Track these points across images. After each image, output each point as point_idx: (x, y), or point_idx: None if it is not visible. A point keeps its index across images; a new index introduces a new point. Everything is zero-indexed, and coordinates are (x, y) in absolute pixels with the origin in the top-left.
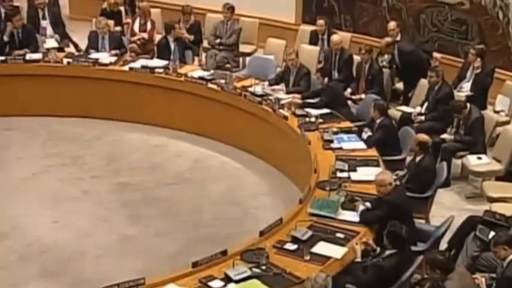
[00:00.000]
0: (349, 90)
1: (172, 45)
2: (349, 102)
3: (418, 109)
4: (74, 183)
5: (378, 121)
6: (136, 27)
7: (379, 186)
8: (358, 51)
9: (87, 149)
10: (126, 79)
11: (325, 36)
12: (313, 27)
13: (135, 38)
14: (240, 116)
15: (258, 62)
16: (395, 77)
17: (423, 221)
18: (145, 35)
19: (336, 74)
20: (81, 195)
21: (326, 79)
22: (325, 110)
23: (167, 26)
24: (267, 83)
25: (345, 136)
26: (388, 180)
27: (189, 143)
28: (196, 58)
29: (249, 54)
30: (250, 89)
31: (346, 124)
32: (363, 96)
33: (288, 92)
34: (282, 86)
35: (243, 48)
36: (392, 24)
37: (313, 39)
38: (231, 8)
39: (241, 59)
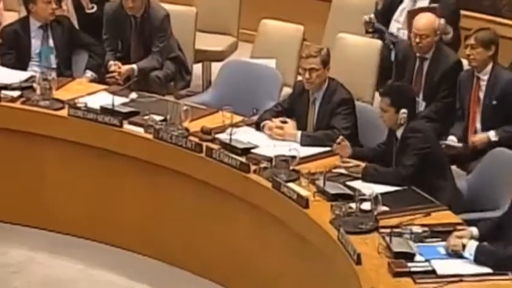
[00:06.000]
0: (452, 137)
1: (36, 37)
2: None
3: None
4: None
5: None
6: None
7: None
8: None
9: None
10: None
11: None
12: None
13: None
14: (199, 197)
15: (240, 73)
16: None
17: None
18: None
19: (421, 103)
20: None
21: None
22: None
23: None
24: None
25: (440, 246)
26: None
27: (84, 264)
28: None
29: (219, 58)
30: (222, 136)
31: (444, 217)
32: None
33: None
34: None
35: (203, 42)
36: None
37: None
38: None
39: (199, 66)
